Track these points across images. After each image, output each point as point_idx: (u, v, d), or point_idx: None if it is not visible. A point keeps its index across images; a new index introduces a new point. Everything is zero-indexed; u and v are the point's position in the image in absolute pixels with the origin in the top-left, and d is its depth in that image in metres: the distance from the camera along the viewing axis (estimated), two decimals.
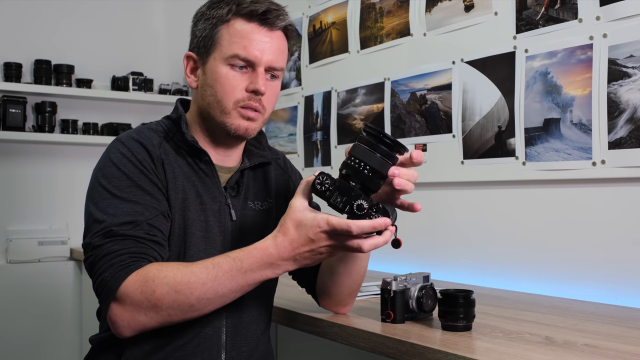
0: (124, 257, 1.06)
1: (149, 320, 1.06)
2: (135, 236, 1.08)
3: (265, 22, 1.18)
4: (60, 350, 3.05)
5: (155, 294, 1.03)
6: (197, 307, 1.06)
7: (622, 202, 1.59)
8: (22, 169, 3.06)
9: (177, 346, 1.16)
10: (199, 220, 1.19)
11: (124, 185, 1.12)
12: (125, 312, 1.05)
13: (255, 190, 1.30)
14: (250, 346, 1.25)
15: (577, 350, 1.06)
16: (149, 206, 1.12)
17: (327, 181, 1.03)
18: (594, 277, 1.63)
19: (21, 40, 3.07)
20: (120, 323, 1.06)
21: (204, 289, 1.04)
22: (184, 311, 1.06)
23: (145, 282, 1.04)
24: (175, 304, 1.04)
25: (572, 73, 1.68)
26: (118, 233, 1.08)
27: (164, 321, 1.07)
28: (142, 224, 1.10)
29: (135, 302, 1.04)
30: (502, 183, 1.88)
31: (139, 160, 1.15)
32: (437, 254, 2.08)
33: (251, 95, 1.18)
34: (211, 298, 1.06)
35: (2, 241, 2.99)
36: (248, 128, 1.20)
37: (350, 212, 1.02)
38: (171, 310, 1.05)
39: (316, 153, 2.61)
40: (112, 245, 1.07)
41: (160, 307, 1.04)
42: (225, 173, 1.26)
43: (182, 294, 1.04)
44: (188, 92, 3.40)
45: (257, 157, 1.31)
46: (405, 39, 2.20)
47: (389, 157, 1.04)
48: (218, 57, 1.18)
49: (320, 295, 1.34)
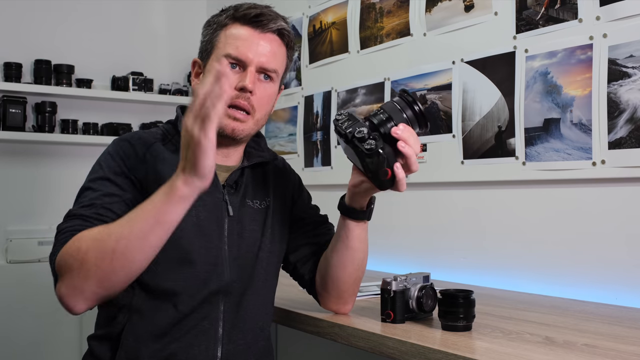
0: (66, 234, 1.09)
1: (83, 282, 1.04)
2: (83, 215, 1.11)
3: (258, 24, 1.24)
4: (60, 350, 3.05)
5: (81, 249, 1.03)
6: (118, 250, 1.01)
7: (622, 202, 1.59)
8: (22, 169, 3.06)
9: (174, 338, 1.18)
10: (189, 215, 1.16)
11: (97, 178, 1.18)
12: (63, 284, 1.06)
13: (254, 190, 1.32)
14: (247, 341, 1.25)
15: (577, 350, 1.06)
16: (112, 194, 1.15)
17: (345, 114, 1.15)
18: (594, 277, 1.63)
19: (21, 40, 3.07)
20: (66, 298, 1.06)
21: (119, 229, 1.03)
22: (108, 259, 1.02)
23: (72, 242, 1.05)
24: (97, 252, 1.02)
25: (572, 73, 1.68)
26: (71, 213, 1.13)
27: (98, 279, 1.03)
28: (97, 207, 1.13)
29: (67, 267, 1.05)
30: (502, 183, 1.88)
31: (121, 157, 1.20)
32: (437, 254, 2.08)
33: (239, 93, 1.21)
34: (127, 235, 1.01)
35: (2, 241, 3.00)
36: (235, 129, 1.22)
37: (352, 137, 1.11)
38: (98, 262, 1.02)
39: (316, 153, 2.61)
40: (63, 224, 1.12)
41: (87, 260, 1.02)
42: (224, 172, 1.28)
43: (101, 240, 1.03)
44: (188, 92, 3.40)
45: (255, 157, 1.34)
46: (405, 39, 2.20)
47: (413, 122, 1.13)
48: (214, 58, 1.24)
49: (320, 293, 1.35)
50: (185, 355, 1.18)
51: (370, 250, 1.31)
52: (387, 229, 2.15)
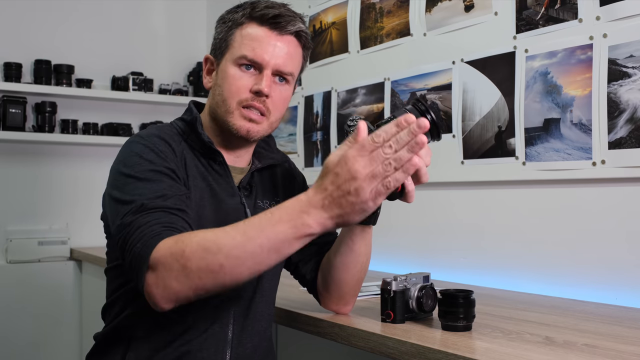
0: (155, 227, 1.02)
1: (180, 286, 0.98)
2: (165, 207, 1.06)
3: (276, 26, 1.20)
4: (60, 350, 3.05)
5: (185, 253, 0.96)
6: (226, 267, 0.95)
7: (622, 202, 1.59)
8: (22, 169, 3.06)
9: (184, 341, 1.17)
10: (215, 219, 1.18)
11: (147, 170, 1.11)
12: (158, 280, 0.98)
13: (264, 191, 1.32)
14: (254, 343, 1.26)
15: (577, 350, 1.06)
16: (173, 187, 1.11)
17: (357, 120, 1.06)
18: (594, 277, 1.63)
19: (21, 40, 3.07)
20: (155, 292, 0.99)
21: (233, 244, 0.95)
22: (214, 273, 0.96)
23: (175, 243, 0.98)
24: (203, 262, 0.95)
25: (572, 73, 1.68)
26: (148, 206, 1.05)
27: (196, 287, 0.97)
28: (172, 197, 1.08)
29: (166, 267, 0.97)
30: (502, 183, 1.88)
31: (162, 151, 1.15)
32: (437, 254, 2.08)
33: (254, 96, 1.19)
34: (240, 255, 0.95)
35: (2, 241, 3.00)
36: (250, 130, 1.20)
37: None
38: (201, 272, 0.96)
39: (316, 153, 2.61)
40: (143, 218, 1.04)
41: (190, 268, 0.96)
42: (237, 174, 1.28)
43: (210, 251, 0.95)
44: (188, 92, 3.40)
45: (267, 159, 1.33)
46: (405, 39, 2.20)
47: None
48: (229, 58, 1.21)
49: (321, 293, 1.35)
50: (194, 358, 1.18)
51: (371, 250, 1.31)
52: (387, 228, 2.14)
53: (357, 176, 0.88)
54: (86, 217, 3.02)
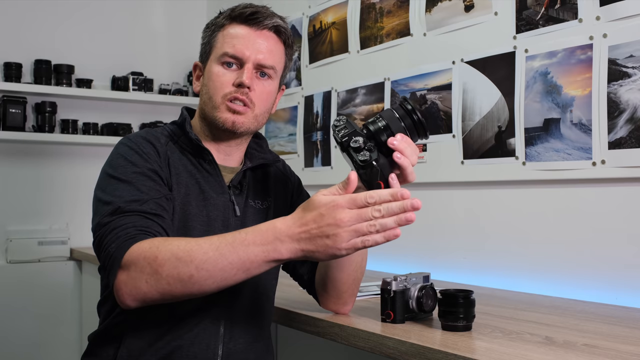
0: (130, 230, 1.07)
1: (149, 288, 1.02)
2: (141, 211, 1.11)
3: (254, 22, 1.25)
4: (61, 350, 3.05)
5: (158, 259, 1.01)
6: (196, 278, 1.00)
7: (622, 202, 1.59)
8: (22, 169, 3.07)
9: (176, 336, 1.18)
10: (201, 215, 1.22)
11: (130, 172, 1.17)
12: (128, 279, 1.04)
13: (256, 190, 1.34)
14: (247, 340, 1.26)
15: (577, 350, 1.06)
16: (153, 189, 1.16)
17: (343, 120, 1.10)
18: (594, 277, 1.63)
19: (21, 40, 3.07)
20: (124, 289, 1.04)
21: (204, 258, 0.99)
22: (183, 282, 1.01)
23: (149, 248, 1.03)
24: (175, 271, 1.00)
25: (572, 73, 1.68)
26: (125, 209, 1.10)
27: (164, 292, 1.02)
28: (148, 201, 1.13)
29: (138, 268, 1.02)
30: (502, 183, 1.88)
31: (145, 152, 1.20)
32: (437, 254, 2.08)
33: (237, 89, 1.23)
34: (210, 270, 0.99)
35: (2, 241, 3.00)
36: (235, 122, 1.24)
37: (347, 145, 1.06)
38: (171, 279, 1.01)
39: (316, 153, 2.61)
40: (119, 220, 1.09)
41: (161, 274, 1.01)
42: (228, 173, 1.30)
43: (182, 261, 1.00)
44: (188, 92, 3.40)
45: (258, 158, 1.36)
46: (405, 39, 2.20)
47: (411, 131, 1.10)
48: (213, 58, 1.27)
49: (320, 294, 1.35)
50: (186, 353, 1.19)
51: (370, 250, 1.30)
52: None
53: (340, 224, 0.93)
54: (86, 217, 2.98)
